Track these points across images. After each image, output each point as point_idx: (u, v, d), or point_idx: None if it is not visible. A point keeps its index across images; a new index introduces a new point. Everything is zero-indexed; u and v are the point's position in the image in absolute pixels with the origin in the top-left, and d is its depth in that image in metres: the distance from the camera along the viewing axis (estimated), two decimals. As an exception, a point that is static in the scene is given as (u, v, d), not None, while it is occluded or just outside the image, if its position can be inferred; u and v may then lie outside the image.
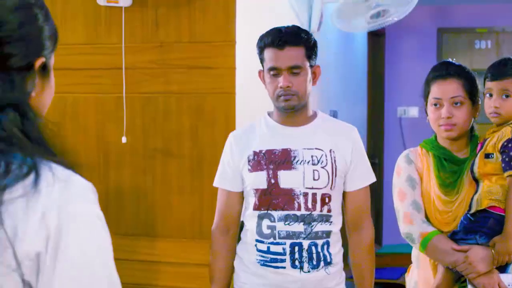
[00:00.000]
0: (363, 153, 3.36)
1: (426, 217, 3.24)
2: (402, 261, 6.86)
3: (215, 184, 3.38)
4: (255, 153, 3.25)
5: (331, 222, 3.22)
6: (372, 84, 8.70)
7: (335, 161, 3.22)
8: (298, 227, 3.16)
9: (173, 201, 4.28)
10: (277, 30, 3.21)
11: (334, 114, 6.38)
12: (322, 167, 3.20)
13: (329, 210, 3.21)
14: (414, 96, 9.42)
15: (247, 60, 4.22)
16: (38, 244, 1.29)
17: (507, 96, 3.13)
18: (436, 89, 3.22)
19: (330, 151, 3.23)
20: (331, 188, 3.21)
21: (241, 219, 3.38)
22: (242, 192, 3.33)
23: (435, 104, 3.21)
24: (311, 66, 3.24)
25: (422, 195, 3.26)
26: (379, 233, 8.57)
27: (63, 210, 1.32)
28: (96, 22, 4.38)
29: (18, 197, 1.29)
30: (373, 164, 9.27)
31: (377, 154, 8.86)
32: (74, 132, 4.43)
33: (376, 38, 8.78)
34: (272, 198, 3.19)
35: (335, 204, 3.24)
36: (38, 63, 1.46)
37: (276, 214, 3.18)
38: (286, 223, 3.16)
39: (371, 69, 8.62)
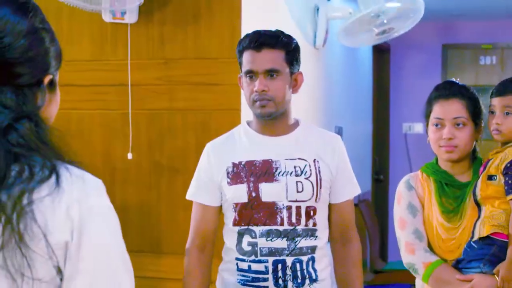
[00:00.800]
0: (348, 163, 3.16)
1: (429, 245, 3.12)
2: (407, 278, 6.83)
3: (188, 196, 3.20)
4: (234, 165, 3.04)
5: (317, 236, 3.02)
6: (377, 100, 8.70)
7: (319, 171, 3.02)
8: (281, 243, 2.96)
9: (178, 217, 4.28)
10: (256, 32, 3.06)
11: (339, 130, 6.38)
12: (306, 178, 3.00)
13: (314, 224, 3.01)
14: (419, 112, 9.42)
15: (252, 76, 4.22)
16: (65, 234, 1.52)
17: (507, 114, 3.05)
18: (438, 109, 3.11)
19: (314, 161, 3.03)
20: (316, 200, 3.01)
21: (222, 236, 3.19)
22: (220, 207, 3.13)
23: (436, 125, 3.11)
24: (292, 73, 3.05)
25: (424, 222, 3.13)
26: (385, 250, 8.55)
27: (83, 204, 1.55)
28: (102, 38, 4.40)
29: (45, 196, 1.51)
30: (378, 180, 9.30)
31: (382, 170, 8.85)
32: (80, 148, 4.42)
33: (381, 54, 8.80)
34: (253, 213, 2.98)
35: (321, 217, 3.05)
36: (46, 79, 1.65)
37: (258, 229, 2.98)
38: (268, 239, 2.97)
39: (376, 85, 8.62)
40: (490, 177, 3.00)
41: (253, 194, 2.98)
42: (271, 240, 2.97)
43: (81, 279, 1.53)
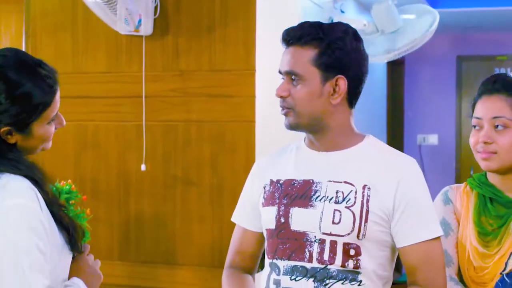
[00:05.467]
0: (424, 198, 2.36)
1: (460, 273, 2.56)
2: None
3: (232, 218, 2.66)
4: (271, 183, 2.46)
5: (361, 282, 2.31)
6: (392, 111, 8.70)
7: (367, 201, 2.30)
8: (306, 284, 2.31)
9: (193, 229, 4.28)
10: (298, 24, 2.42)
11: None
12: (347, 207, 2.30)
13: (356, 266, 2.30)
14: (434, 124, 9.36)
15: (267, 88, 4.23)
16: None
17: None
18: (479, 107, 2.53)
19: (364, 187, 2.32)
20: (358, 236, 2.30)
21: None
22: (262, 234, 2.54)
23: (475, 126, 2.53)
24: (326, 78, 2.34)
25: (456, 244, 2.57)
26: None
27: None
28: (117, 51, 4.42)
29: None
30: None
31: (396, 182, 8.83)
32: (95, 159, 4.46)
33: (396, 66, 8.80)
34: (279, 243, 2.38)
35: (370, 260, 2.33)
36: (3, 130, 2.08)
37: (282, 264, 2.36)
38: (292, 277, 2.33)
39: (390, 97, 8.62)
40: None
41: (282, 220, 2.38)
42: (295, 279, 2.34)
43: None
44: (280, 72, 2.39)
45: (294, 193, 2.38)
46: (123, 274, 4.33)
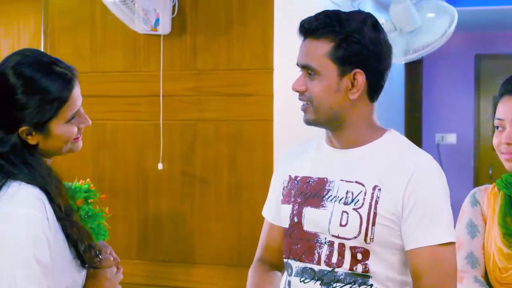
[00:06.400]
0: (436, 199, 2.19)
1: (487, 275, 2.51)
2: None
3: (262, 211, 2.58)
4: (290, 179, 2.39)
5: (372, 287, 2.21)
6: (410, 110, 8.67)
7: (376, 202, 2.18)
8: (314, 287, 2.25)
9: (211, 227, 4.28)
10: (315, 15, 2.29)
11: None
12: (355, 209, 2.20)
13: (366, 270, 2.20)
14: (452, 123, 9.29)
15: (285, 87, 4.22)
16: None
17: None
18: (500, 108, 2.48)
19: (374, 188, 2.20)
20: (366, 240, 2.18)
21: None
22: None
23: (497, 127, 2.48)
24: (343, 72, 2.22)
25: (483, 246, 2.52)
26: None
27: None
28: (135, 50, 4.43)
29: None
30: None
31: (414, 181, 8.80)
32: (113, 158, 4.47)
33: (414, 65, 8.76)
34: (292, 243, 2.32)
35: (381, 265, 2.21)
36: (21, 130, 2.09)
37: (294, 265, 2.31)
38: (301, 279, 2.28)
39: (408, 96, 8.59)
40: None
41: (295, 220, 2.31)
42: (303, 281, 2.28)
43: None
44: (297, 65, 2.29)
45: (308, 192, 2.30)
46: (141, 273, 4.34)
